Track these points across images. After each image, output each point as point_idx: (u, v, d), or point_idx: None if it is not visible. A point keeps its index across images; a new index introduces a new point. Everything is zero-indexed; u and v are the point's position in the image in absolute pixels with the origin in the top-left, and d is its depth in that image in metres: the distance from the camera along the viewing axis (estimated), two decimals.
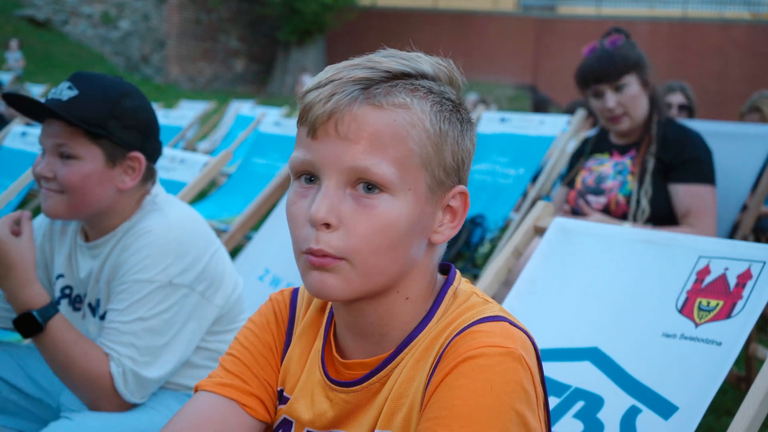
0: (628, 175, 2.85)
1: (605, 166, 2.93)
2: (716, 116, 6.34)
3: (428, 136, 0.98)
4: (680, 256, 1.57)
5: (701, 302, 1.49)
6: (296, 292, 1.18)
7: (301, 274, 1.00)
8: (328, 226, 0.95)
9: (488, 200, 3.65)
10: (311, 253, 0.96)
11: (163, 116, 7.22)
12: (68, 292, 1.90)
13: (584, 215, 2.81)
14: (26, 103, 1.75)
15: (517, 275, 1.77)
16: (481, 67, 18.89)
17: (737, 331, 1.41)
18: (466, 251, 3.40)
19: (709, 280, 1.51)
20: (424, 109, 0.98)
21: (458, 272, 1.10)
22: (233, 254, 3.15)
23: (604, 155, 2.97)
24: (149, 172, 1.85)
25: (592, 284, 1.65)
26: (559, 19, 21.21)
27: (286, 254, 2.78)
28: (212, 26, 21.39)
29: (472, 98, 9.79)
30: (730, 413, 2.90)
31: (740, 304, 1.44)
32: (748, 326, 1.41)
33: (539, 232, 1.83)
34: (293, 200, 1.00)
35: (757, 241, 4.09)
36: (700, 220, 2.71)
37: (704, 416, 1.37)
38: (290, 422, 1.10)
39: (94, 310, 1.85)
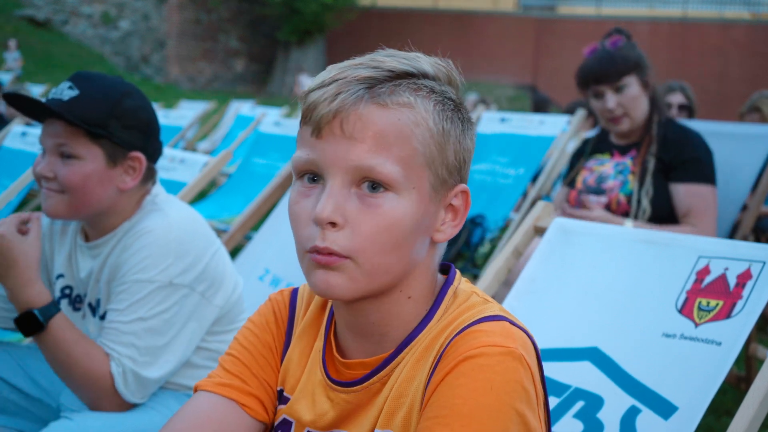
0: (629, 174, 2.85)
1: (606, 166, 2.93)
2: (716, 116, 6.34)
3: (432, 135, 0.98)
4: (680, 256, 1.57)
5: (701, 302, 1.49)
6: (296, 292, 1.18)
7: (305, 273, 1.00)
8: (333, 225, 0.95)
9: (488, 200, 3.65)
10: (317, 251, 0.96)
11: (163, 116, 7.22)
12: (68, 292, 1.90)
13: (587, 208, 2.80)
14: (27, 102, 1.75)
15: (517, 275, 1.77)
16: (481, 67, 18.89)
17: (737, 331, 1.41)
18: (466, 251, 3.40)
19: (708, 280, 1.51)
20: (427, 108, 0.98)
21: (458, 272, 1.10)
22: (233, 254, 3.15)
23: (604, 155, 2.97)
24: (150, 172, 1.85)
25: (592, 284, 1.65)
26: (559, 19, 21.21)
27: (286, 254, 2.77)
28: (212, 26, 21.39)
29: (472, 98, 9.78)
30: (730, 413, 2.90)
31: (740, 304, 1.44)
32: (747, 326, 1.41)
33: (539, 232, 1.83)
34: (296, 200, 1.00)
35: (757, 241, 4.09)
36: (700, 219, 2.72)
37: (704, 416, 1.37)
38: (290, 422, 1.10)
39: (94, 310, 1.85)
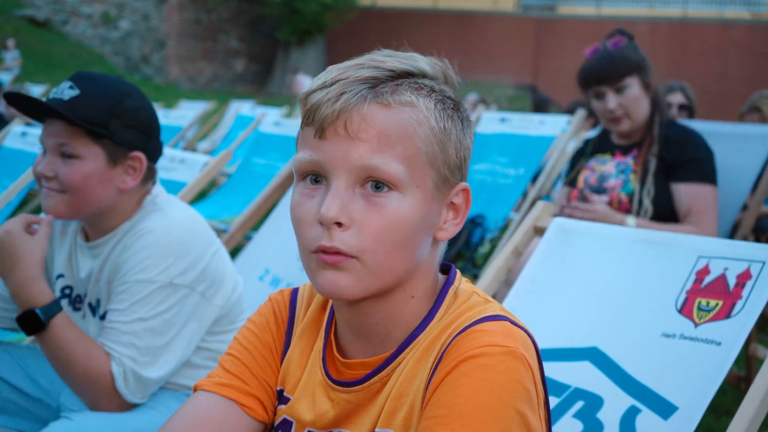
0: (630, 174, 2.85)
1: (608, 165, 2.93)
2: (716, 116, 6.33)
3: (434, 133, 0.98)
4: (680, 256, 1.58)
5: (701, 302, 1.49)
6: (296, 292, 1.18)
7: (310, 274, 1.00)
8: (339, 225, 0.95)
9: (488, 200, 3.65)
10: (324, 250, 0.96)
11: (163, 116, 7.22)
12: (68, 292, 1.90)
13: (589, 201, 2.79)
14: (27, 102, 1.75)
15: (517, 275, 1.77)
16: (481, 67, 18.88)
17: (737, 331, 1.42)
18: (466, 251, 3.40)
19: (708, 280, 1.51)
20: (428, 107, 0.98)
21: (458, 272, 1.10)
22: (233, 254, 3.15)
23: (606, 155, 2.97)
24: (150, 172, 1.85)
25: (591, 284, 1.65)
26: (559, 19, 21.19)
27: (286, 254, 2.78)
28: (212, 26, 21.37)
29: (472, 98, 9.76)
30: (729, 413, 2.90)
31: (740, 304, 1.44)
32: (747, 326, 1.41)
33: (539, 232, 1.83)
34: (299, 201, 1.00)
35: (757, 241, 4.09)
36: (701, 219, 2.72)
37: (704, 416, 1.37)
38: (290, 422, 1.10)
39: (94, 310, 1.85)
